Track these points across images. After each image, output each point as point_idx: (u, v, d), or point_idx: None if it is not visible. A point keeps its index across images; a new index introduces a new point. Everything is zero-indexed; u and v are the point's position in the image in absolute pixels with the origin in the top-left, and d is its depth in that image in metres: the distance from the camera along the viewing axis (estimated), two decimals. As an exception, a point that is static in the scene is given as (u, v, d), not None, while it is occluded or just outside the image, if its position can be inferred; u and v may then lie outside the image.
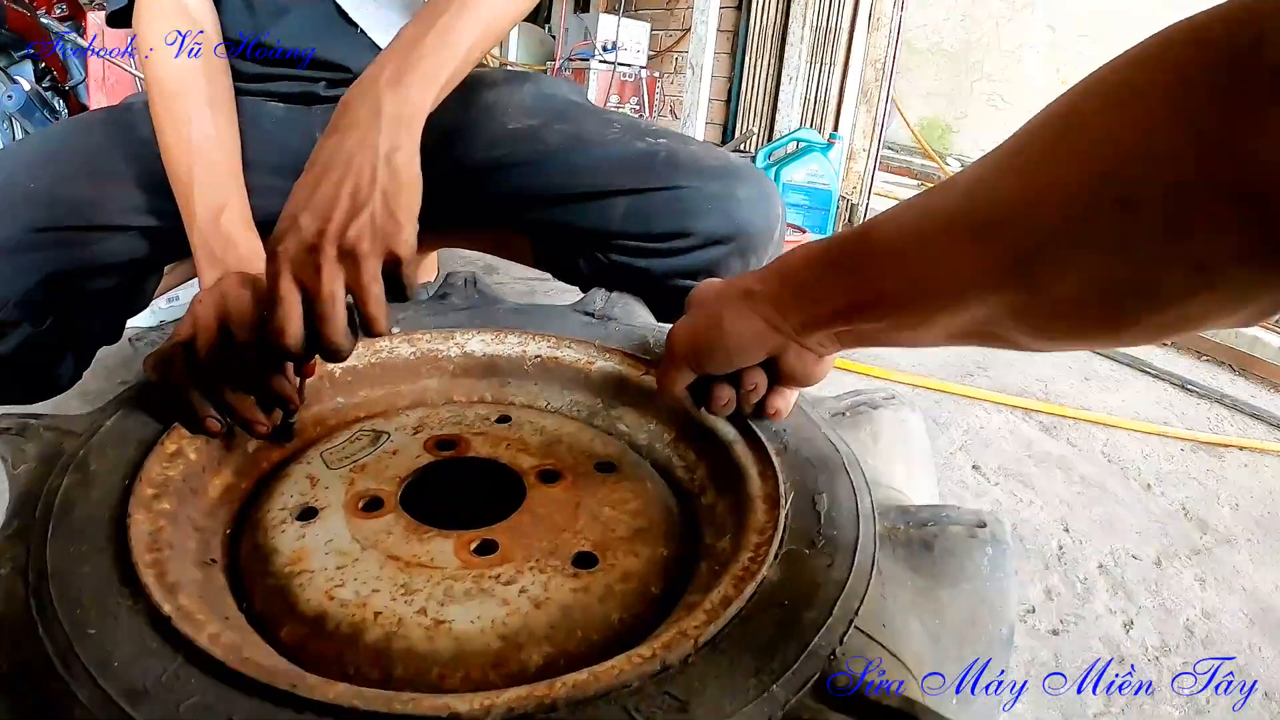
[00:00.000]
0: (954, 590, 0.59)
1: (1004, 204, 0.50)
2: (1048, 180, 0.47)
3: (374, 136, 0.80)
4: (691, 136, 1.35)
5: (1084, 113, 0.46)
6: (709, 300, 0.73)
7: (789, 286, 0.67)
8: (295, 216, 0.75)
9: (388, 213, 0.77)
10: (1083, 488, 1.71)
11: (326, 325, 0.73)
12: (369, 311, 0.75)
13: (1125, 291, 0.45)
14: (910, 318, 0.59)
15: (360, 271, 0.74)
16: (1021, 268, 0.49)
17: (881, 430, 0.80)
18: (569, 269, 1.31)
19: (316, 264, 0.73)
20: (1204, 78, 0.40)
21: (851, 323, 0.64)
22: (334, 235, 0.73)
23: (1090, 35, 6.74)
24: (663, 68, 5.34)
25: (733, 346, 0.70)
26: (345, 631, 0.57)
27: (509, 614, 0.58)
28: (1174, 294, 0.43)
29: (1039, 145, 0.49)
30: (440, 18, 0.92)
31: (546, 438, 0.82)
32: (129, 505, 0.62)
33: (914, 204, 0.59)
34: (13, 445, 0.69)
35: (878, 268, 0.60)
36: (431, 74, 0.89)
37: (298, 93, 1.31)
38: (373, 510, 0.69)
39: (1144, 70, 0.44)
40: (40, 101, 4.41)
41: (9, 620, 0.51)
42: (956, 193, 0.54)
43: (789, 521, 0.63)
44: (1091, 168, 0.44)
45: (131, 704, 0.45)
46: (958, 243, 0.53)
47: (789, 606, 0.54)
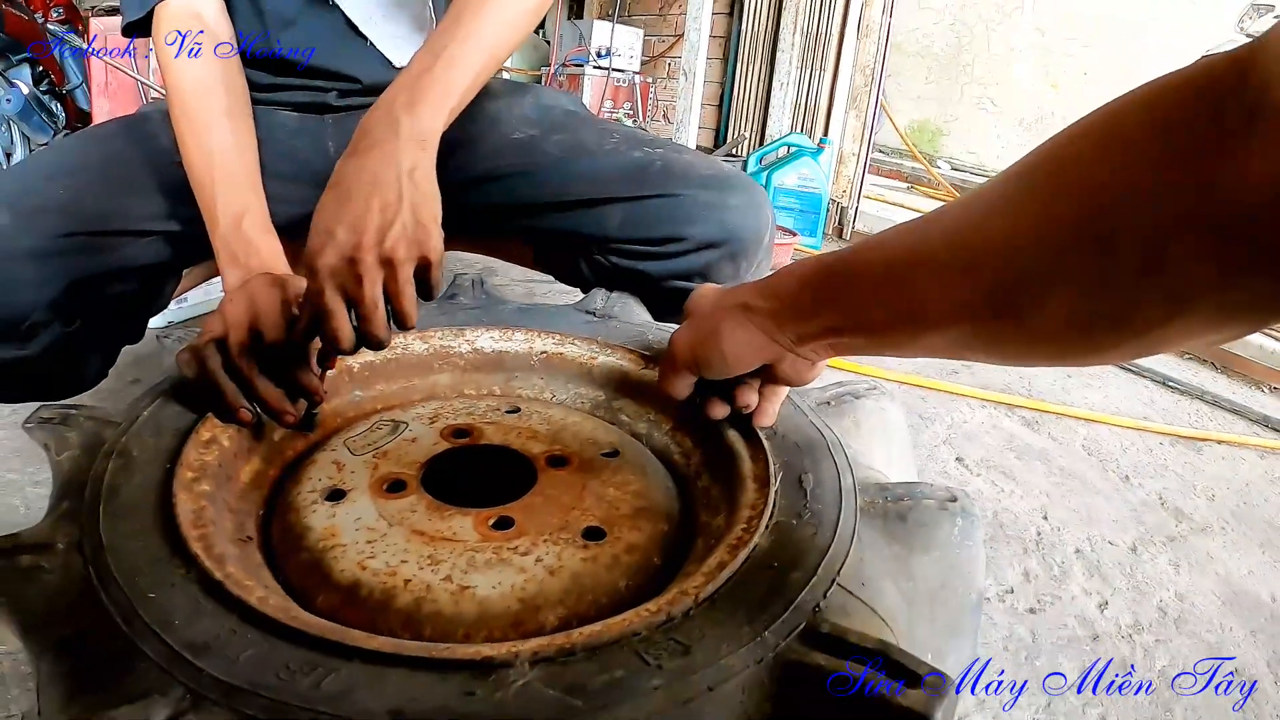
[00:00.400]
0: (926, 557, 0.65)
1: (989, 240, 0.53)
2: (1032, 220, 0.50)
3: (395, 156, 0.86)
4: (686, 146, 1.41)
5: (1069, 157, 0.49)
6: (708, 311, 0.78)
7: (784, 304, 0.71)
8: (330, 232, 0.81)
9: (417, 222, 0.83)
10: (1062, 479, 1.76)
11: (371, 325, 0.80)
12: (403, 309, 0.81)
13: (1103, 321, 0.48)
14: (897, 338, 0.64)
15: (397, 275, 0.81)
16: (1003, 301, 0.52)
17: (863, 418, 0.86)
18: (570, 271, 1.37)
19: (357, 274, 0.79)
20: (1187, 119, 0.42)
21: (842, 337, 0.68)
22: (371, 246, 0.80)
23: (1080, 39, 6.79)
24: (656, 73, 5.38)
25: (731, 357, 0.75)
26: (378, 598, 0.63)
27: (527, 580, 0.64)
28: (1150, 323, 0.46)
29: (1026, 186, 0.52)
30: (446, 48, 0.98)
31: (554, 427, 0.88)
32: (173, 487, 0.67)
33: (902, 233, 0.62)
34: (56, 434, 0.75)
35: (866, 294, 0.64)
36: (441, 100, 0.95)
37: (310, 102, 1.36)
38: (396, 491, 0.75)
39: (1130, 115, 0.46)
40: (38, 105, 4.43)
41: (70, 589, 0.56)
42: (943, 226, 0.58)
43: (778, 497, 0.70)
44: (1074, 209, 0.47)
45: (195, 656, 0.50)
46: (942, 275, 0.56)
47: (778, 569, 0.60)
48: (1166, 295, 0.44)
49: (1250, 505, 1.78)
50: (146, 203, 1.19)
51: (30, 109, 4.36)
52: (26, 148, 4.40)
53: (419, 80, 0.95)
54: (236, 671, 0.49)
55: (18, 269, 1.04)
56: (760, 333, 0.73)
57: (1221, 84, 0.41)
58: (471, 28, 1.01)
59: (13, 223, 1.06)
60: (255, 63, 1.29)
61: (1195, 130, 0.41)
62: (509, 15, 1.06)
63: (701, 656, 0.51)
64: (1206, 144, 0.40)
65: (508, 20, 1.06)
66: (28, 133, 4.38)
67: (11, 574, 0.57)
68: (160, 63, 1.16)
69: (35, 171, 1.17)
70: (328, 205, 0.84)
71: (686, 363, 0.79)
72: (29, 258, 1.05)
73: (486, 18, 1.03)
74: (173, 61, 1.14)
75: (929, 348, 0.62)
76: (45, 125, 4.49)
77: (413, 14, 1.35)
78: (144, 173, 1.21)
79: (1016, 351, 0.57)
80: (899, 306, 0.62)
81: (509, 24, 1.06)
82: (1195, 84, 0.43)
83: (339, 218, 0.81)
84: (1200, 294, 0.43)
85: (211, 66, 1.15)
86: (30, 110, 4.36)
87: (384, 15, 1.33)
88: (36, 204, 1.10)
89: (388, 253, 0.80)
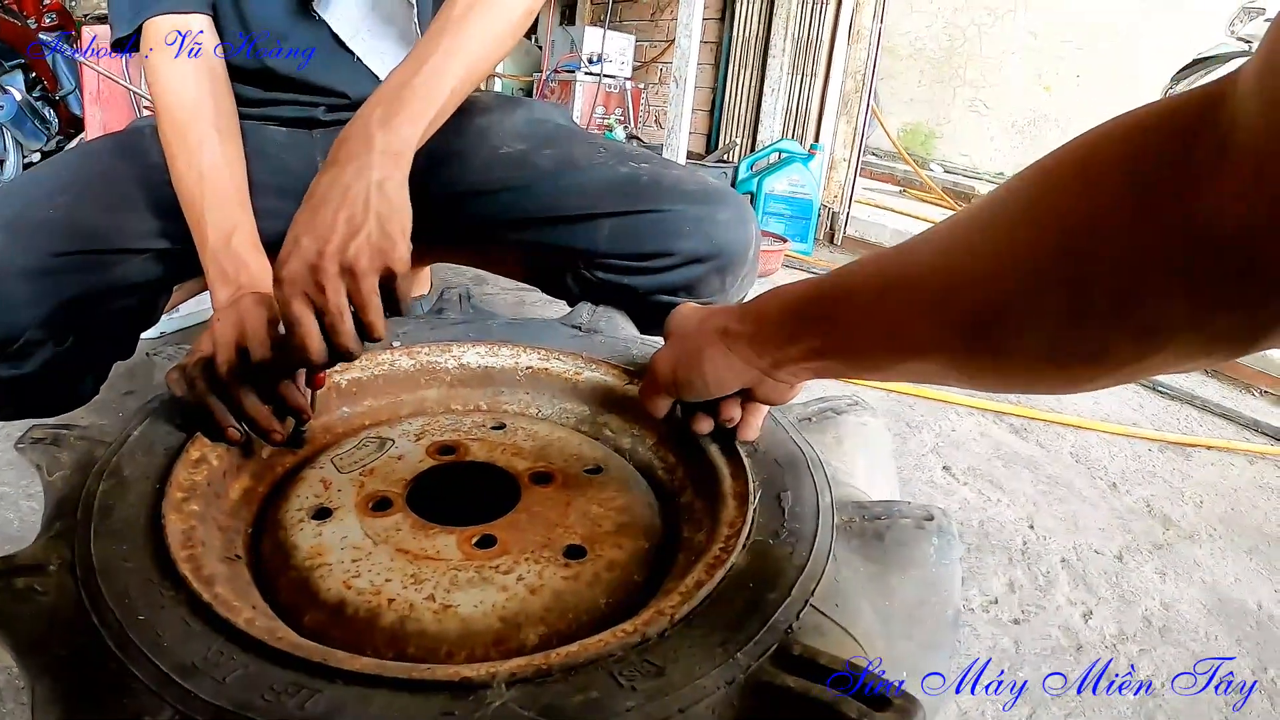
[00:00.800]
0: (903, 576, 0.66)
1: (966, 273, 0.54)
2: (1007, 255, 0.50)
3: (367, 169, 0.87)
4: (673, 160, 1.42)
5: (1043, 192, 0.50)
6: (688, 334, 0.79)
7: (764, 330, 0.73)
8: (297, 240, 0.82)
9: (383, 233, 0.84)
10: (1049, 487, 1.77)
11: (337, 335, 0.80)
12: (368, 319, 0.82)
13: (1079, 356, 0.49)
14: (875, 365, 0.66)
15: (359, 285, 0.81)
16: (980, 333, 0.53)
17: (845, 433, 0.88)
18: (557, 284, 1.39)
19: (319, 282, 0.80)
20: (1158, 156, 0.42)
21: (821, 362, 0.70)
22: (333, 254, 0.80)
23: (1073, 41, 6.80)
24: (647, 78, 5.39)
25: (711, 381, 0.77)
26: (363, 616, 0.64)
27: (508, 599, 0.66)
28: (1125, 357, 0.47)
29: (1000, 220, 0.53)
30: (428, 61, 0.99)
31: (539, 443, 0.90)
32: (163, 507, 0.68)
33: (882, 260, 0.63)
34: (48, 454, 0.76)
35: (846, 320, 0.66)
36: (419, 113, 0.96)
37: (299, 117, 1.38)
38: (382, 509, 0.76)
39: (1103, 150, 0.47)
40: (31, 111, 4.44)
41: (64, 611, 0.58)
42: (921, 257, 0.59)
43: (756, 516, 0.71)
44: (1046, 246, 0.48)
45: (183, 677, 0.51)
46: (919, 306, 0.57)
47: (754, 588, 0.61)
48: (1140, 331, 0.45)
49: (1238, 512, 1.78)
50: (139, 221, 1.20)
51: (23, 115, 4.37)
52: (19, 154, 4.40)
53: (398, 93, 0.96)
54: (224, 693, 0.50)
55: (12, 288, 1.06)
56: (739, 359, 0.74)
57: (1192, 121, 0.41)
58: (454, 40, 1.02)
59: (7, 242, 1.07)
60: (245, 78, 1.30)
61: (1166, 168, 0.41)
62: (494, 27, 1.07)
63: (675, 677, 0.52)
64: (1177, 183, 0.41)
65: (493, 32, 1.07)
66: (20, 139, 4.38)
67: (7, 596, 0.58)
68: (149, 78, 1.17)
69: (29, 190, 1.17)
70: (300, 216, 0.85)
71: (667, 384, 0.81)
72: (23, 277, 1.06)
73: (470, 30, 1.03)
74: (161, 77, 1.15)
75: (907, 374, 0.64)
76: (38, 131, 4.50)
77: (399, 29, 1.36)
78: (136, 191, 1.22)
79: (993, 382, 0.58)
80: (877, 335, 0.63)
81: (494, 36, 1.07)
82: (1167, 120, 0.43)
83: (308, 228, 0.82)
84: (1174, 329, 0.43)
85: (200, 83, 1.16)
86: (23, 116, 4.37)
87: (370, 31, 1.34)
88: (31, 223, 1.11)
89: (349, 261, 0.81)
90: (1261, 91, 0.37)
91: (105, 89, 3.58)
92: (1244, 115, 0.37)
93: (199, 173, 1.08)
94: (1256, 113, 0.37)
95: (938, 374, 0.61)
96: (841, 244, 4.18)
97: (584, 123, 4.48)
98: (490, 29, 1.06)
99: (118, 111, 3.60)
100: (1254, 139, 0.37)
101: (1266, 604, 1.43)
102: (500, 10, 1.07)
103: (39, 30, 4.75)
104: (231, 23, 1.27)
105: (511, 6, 1.09)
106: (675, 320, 0.84)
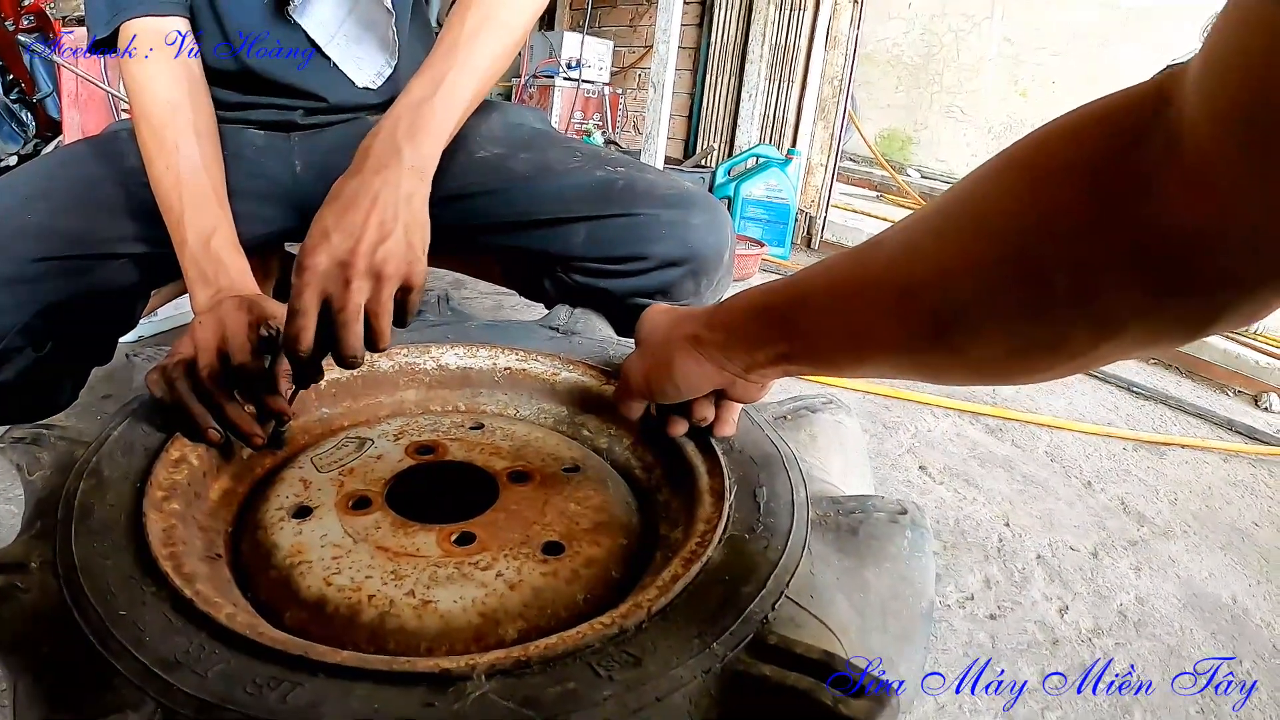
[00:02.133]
0: (877, 569, 0.67)
1: (925, 272, 0.55)
2: (962, 256, 0.52)
3: (396, 181, 0.90)
4: (650, 165, 1.43)
5: (996, 192, 0.51)
6: (659, 341, 0.81)
7: (732, 336, 0.74)
8: (327, 234, 0.83)
9: (409, 244, 0.86)
10: (1025, 486, 1.78)
11: (347, 333, 0.81)
12: (380, 327, 0.83)
13: (1037, 348, 0.50)
14: (842, 363, 0.68)
15: (380, 289, 0.83)
16: (940, 330, 0.54)
17: (819, 431, 0.89)
18: (534, 287, 1.40)
19: (346, 278, 0.81)
20: (1107, 151, 0.43)
21: (790, 364, 0.72)
22: (365, 254, 0.82)
23: (1048, 48, 6.86)
24: (625, 84, 5.40)
25: (684, 387, 0.79)
26: (344, 613, 0.65)
27: (487, 595, 0.66)
28: (1082, 346, 0.48)
29: (954, 221, 0.54)
30: (445, 77, 1.02)
31: (517, 442, 0.90)
32: (143, 506, 0.69)
33: (845, 261, 0.65)
34: (28, 454, 0.76)
35: (811, 323, 0.67)
36: (440, 131, 1.00)
37: (277, 120, 1.38)
38: (362, 508, 0.77)
39: (1053, 147, 0.48)
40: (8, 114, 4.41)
41: (46, 608, 0.58)
42: (882, 257, 0.60)
43: (732, 511, 0.72)
44: (1002, 246, 0.49)
45: (166, 672, 0.52)
46: (881, 306, 0.59)
47: (729, 582, 0.62)
48: (1097, 321, 0.46)
49: (1212, 509, 1.80)
50: (117, 225, 1.20)
51: (1, 118, 4.34)
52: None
53: (419, 108, 0.98)
54: (207, 687, 0.51)
55: None
56: (710, 363, 0.76)
57: (1141, 117, 0.42)
58: (468, 57, 1.05)
59: None
60: (222, 81, 1.31)
61: (1117, 168, 0.43)
62: (501, 44, 1.10)
63: (652, 667, 0.53)
64: (1128, 183, 0.42)
65: (500, 49, 1.10)
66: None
67: (-13, 593, 0.58)
68: (125, 81, 1.18)
69: (5, 196, 1.17)
70: (326, 214, 0.86)
71: (640, 389, 0.83)
72: (3, 284, 1.06)
73: (480, 48, 1.07)
74: (138, 80, 1.15)
75: (873, 372, 0.66)
76: (15, 134, 4.47)
77: (378, 36, 1.37)
78: (114, 194, 1.22)
79: (956, 376, 0.60)
80: (842, 334, 0.64)
81: (501, 52, 1.10)
82: (1117, 115, 0.44)
83: (338, 225, 0.84)
84: (1129, 318, 0.45)
85: (177, 84, 1.17)
86: (1, 119, 4.34)
87: (347, 36, 1.35)
88: (9, 229, 1.11)
89: (378, 265, 0.83)
90: (1202, 93, 0.38)
91: (83, 91, 3.58)
92: (1189, 117, 0.39)
93: (176, 175, 1.09)
94: (1200, 116, 0.38)
95: (901, 370, 0.62)
96: (819, 248, 4.20)
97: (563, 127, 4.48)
98: (498, 46, 1.09)
99: (96, 114, 3.60)
100: (1197, 141, 0.38)
101: (1240, 597, 1.44)
102: (507, 28, 1.10)
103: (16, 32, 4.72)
104: (209, 25, 1.28)
105: (516, 25, 1.12)
106: (645, 326, 0.86)
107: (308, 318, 0.80)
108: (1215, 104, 0.37)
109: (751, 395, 0.80)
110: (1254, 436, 2.27)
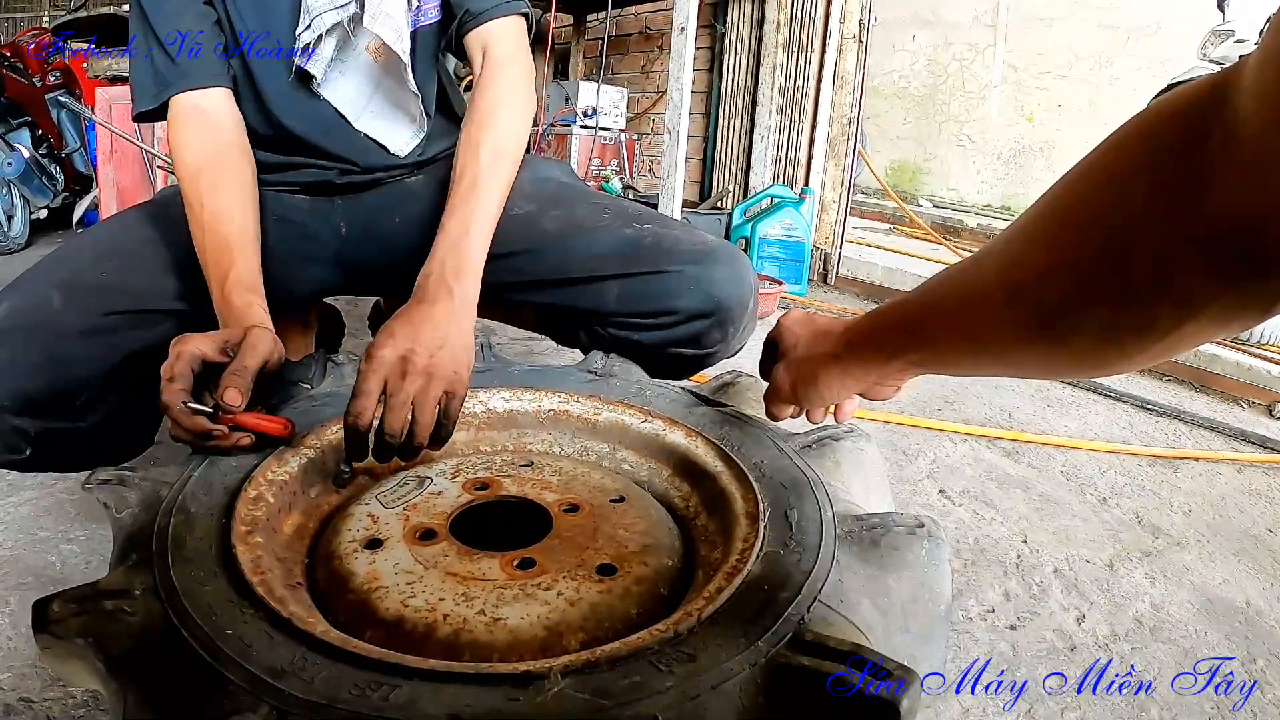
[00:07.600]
0: (898, 576, 0.74)
1: (1028, 273, 0.62)
2: (1060, 252, 0.58)
3: (451, 314, 1.05)
4: (672, 218, 1.51)
5: (1083, 192, 0.57)
6: (802, 357, 0.97)
7: (868, 354, 0.88)
8: (394, 336, 0.97)
9: (458, 361, 1.00)
10: (1041, 504, 1.84)
11: (393, 416, 0.94)
12: (422, 419, 0.96)
13: (1129, 332, 0.56)
14: (963, 363, 0.78)
15: (428, 388, 0.96)
16: (1047, 324, 0.61)
17: (842, 457, 0.96)
18: (569, 338, 1.49)
19: (404, 371, 0.95)
20: (1176, 146, 0.48)
21: (919, 368, 0.84)
22: (423, 354, 0.97)
23: (1052, 72, 6.93)
24: (640, 129, 5.49)
25: (828, 397, 0.96)
26: (421, 630, 0.72)
27: (550, 611, 0.74)
28: (1168, 328, 0.52)
29: (1048, 226, 0.61)
30: (474, 215, 1.19)
31: (565, 477, 0.98)
32: (231, 538, 0.77)
33: (956, 274, 0.74)
34: (115, 494, 0.84)
35: (935, 328, 0.78)
36: (477, 265, 1.16)
37: (316, 181, 1.47)
38: (428, 539, 0.85)
39: (1130, 145, 0.53)
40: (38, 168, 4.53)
41: (153, 629, 0.65)
42: (989, 264, 0.68)
43: (767, 531, 0.80)
44: (1091, 244, 0.55)
45: (275, 679, 0.59)
46: (992, 310, 0.67)
47: (768, 590, 0.70)
48: (1177, 304, 0.50)
49: (1226, 517, 1.86)
50: (171, 283, 1.30)
51: (31, 172, 4.45)
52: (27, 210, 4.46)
53: (458, 246, 1.15)
54: (314, 690, 0.58)
55: (71, 347, 1.14)
56: (850, 377, 0.91)
57: (1204, 111, 0.46)
58: (486, 190, 1.22)
59: (64, 304, 1.16)
60: (262, 144, 1.40)
61: (1183, 158, 0.47)
62: (510, 172, 1.29)
63: (705, 662, 0.61)
64: (1191, 175, 0.46)
65: (509, 176, 1.29)
66: (28, 195, 4.45)
67: (96, 617, 0.65)
68: (171, 149, 1.29)
69: (80, 256, 1.27)
70: (394, 325, 1.00)
71: (788, 398, 1.00)
72: (80, 336, 1.15)
73: (495, 179, 1.24)
74: (181, 147, 1.27)
75: (990, 369, 0.76)
76: (45, 188, 4.58)
77: (406, 113, 1.46)
78: (168, 255, 1.32)
79: (1061, 366, 0.67)
80: (963, 339, 0.74)
81: (509, 178, 1.29)
82: (1181, 116, 0.49)
83: (403, 333, 0.98)
84: (1205, 299, 0.49)
85: (215, 147, 1.28)
86: (31, 174, 4.45)
87: (374, 114, 1.44)
88: (83, 286, 1.20)
89: (432, 366, 0.96)
90: (1258, 88, 0.41)
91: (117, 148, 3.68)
92: (1244, 110, 0.42)
93: (202, 227, 1.21)
94: (1254, 110, 0.41)
95: (1014, 366, 0.72)
96: (835, 283, 4.28)
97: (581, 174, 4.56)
98: (507, 177, 1.27)
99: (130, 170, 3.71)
100: (1252, 135, 0.41)
101: (1255, 601, 1.50)
102: (511, 159, 1.30)
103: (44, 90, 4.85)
104: (246, 91, 1.39)
105: (517, 154, 1.32)
106: (786, 338, 1.01)
107: (370, 399, 0.93)
108: (1269, 100, 0.40)
109: (885, 395, 0.97)
110: (1267, 445, 2.32)
